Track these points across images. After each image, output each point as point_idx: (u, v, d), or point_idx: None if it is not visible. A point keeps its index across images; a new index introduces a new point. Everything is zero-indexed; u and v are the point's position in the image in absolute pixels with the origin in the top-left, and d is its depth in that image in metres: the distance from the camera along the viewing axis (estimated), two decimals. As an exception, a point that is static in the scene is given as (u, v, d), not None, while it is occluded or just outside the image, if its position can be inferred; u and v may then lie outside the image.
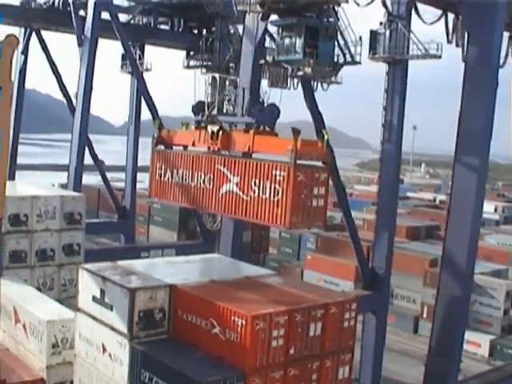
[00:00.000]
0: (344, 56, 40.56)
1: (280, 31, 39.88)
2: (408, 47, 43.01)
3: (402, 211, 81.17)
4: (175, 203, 29.74)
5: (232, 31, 62.21)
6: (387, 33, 43.45)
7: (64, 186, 62.15)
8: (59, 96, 69.82)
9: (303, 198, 23.88)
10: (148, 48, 68.96)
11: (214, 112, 28.35)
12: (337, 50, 39.57)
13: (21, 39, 61.85)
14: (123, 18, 63.76)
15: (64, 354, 28.08)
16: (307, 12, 38.68)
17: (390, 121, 44.67)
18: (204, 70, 60.52)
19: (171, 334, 23.92)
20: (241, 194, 25.47)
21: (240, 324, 21.36)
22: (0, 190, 25.08)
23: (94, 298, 24.81)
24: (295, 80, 46.28)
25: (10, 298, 30.47)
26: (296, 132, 24.14)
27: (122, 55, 67.86)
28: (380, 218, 46.43)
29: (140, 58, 66.23)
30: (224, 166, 26.30)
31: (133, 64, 62.33)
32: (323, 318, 23.22)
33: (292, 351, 22.42)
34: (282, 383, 22.26)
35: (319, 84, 45.34)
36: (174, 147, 29.46)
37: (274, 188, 24.06)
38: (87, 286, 25.45)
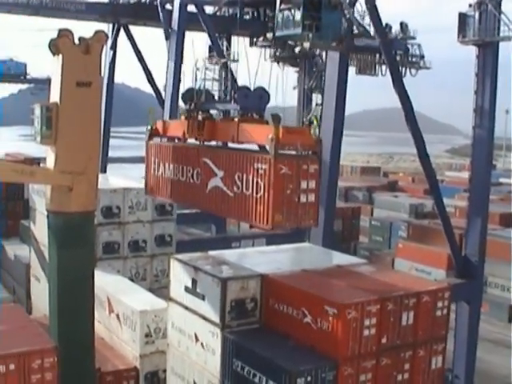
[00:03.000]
0: (352, 28, 38.81)
1: (279, 3, 38.16)
2: (499, 28, 42.03)
3: (494, 197, 79.40)
4: (168, 200, 27.80)
5: None
6: (477, 15, 42.53)
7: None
8: (148, 89, 70.77)
9: (288, 194, 21.55)
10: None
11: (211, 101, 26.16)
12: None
13: (109, 35, 62.83)
14: (209, 10, 64.09)
15: (157, 343, 28.50)
16: None
17: (482, 105, 43.77)
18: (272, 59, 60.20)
19: (263, 324, 23.94)
20: (226, 189, 23.53)
21: (332, 313, 21.23)
22: (93, 183, 25.62)
23: (186, 288, 24.99)
24: (383, 66, 45.83)
25: (104, 288, 31.06)
26: (276, 119, 21.94)
27: (209, 47, 68.29)
28: (472, 205, 45.63)
29: (227, 49, 66.39)
30: (210, 159, 24.34)
31: (220, 55, 62.50)
32: (415, 306, 22.86)
33: (384, 340, 22.19)
34: (374, 372, 22.07)
35: (408, 70, 44.75)
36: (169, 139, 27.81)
37: (257, 183, 21.90)
38: (179, 277, 25.65)
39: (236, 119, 24.06)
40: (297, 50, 41.78)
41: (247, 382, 22.15)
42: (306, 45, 37.85)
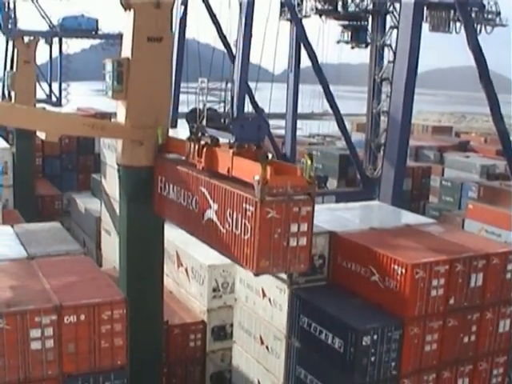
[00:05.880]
0: None
1: None
2: None
3: None
4: (171, 222, 26.30)
5: None
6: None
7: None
8: (219, 45, 70.60)
9: (276, 238, 20.14)
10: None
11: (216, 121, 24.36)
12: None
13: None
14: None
15: (224, 297, 28.83)
16: None
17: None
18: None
19: (330, 281, 24.01)
20: (219, 224, 22.11)
21: (400, 272, 21.15)
22: (164, 137, 25.75)
23: (255, 244, 25.05)
24: (458, 24, 44.88)
25: (173, 242, 31.42)
26: (263, 157, 20.16)
27: (281, 2, 67.60)
28: (546, 167, 44.80)
29: (299, 5, 65.64)
30: (206, 189, 22.81)
31: (292, 11, 61.83)
32: (484, 268, 22.64)
33: (452, 301, 22.06)
34: (441, 333, 22.01)
35: (483, 27, 43.73)
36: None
37: (245, 224, 20.56)
38: (248, 232, 25.71)
39: (231, 150, 22.65)
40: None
41: (313, 339, 22.29)
42: None
